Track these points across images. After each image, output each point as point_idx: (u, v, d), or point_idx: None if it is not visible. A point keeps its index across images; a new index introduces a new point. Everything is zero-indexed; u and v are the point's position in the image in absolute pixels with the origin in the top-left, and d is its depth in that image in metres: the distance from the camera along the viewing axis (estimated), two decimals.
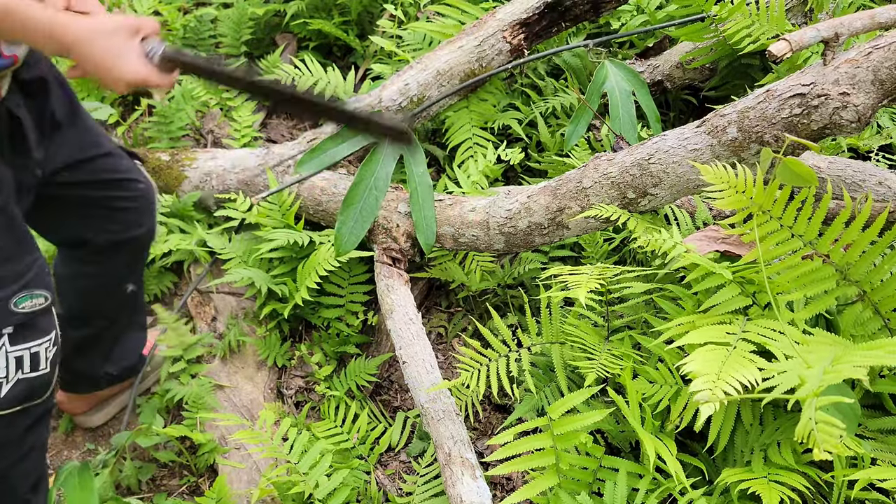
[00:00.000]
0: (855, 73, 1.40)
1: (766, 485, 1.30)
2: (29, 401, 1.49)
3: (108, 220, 1.67)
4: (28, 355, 1.45)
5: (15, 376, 1.44)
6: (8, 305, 1.39)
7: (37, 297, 1.43)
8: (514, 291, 2.13)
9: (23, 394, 1.47)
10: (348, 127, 1.53)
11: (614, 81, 2.17)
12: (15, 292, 1.39)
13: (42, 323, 1.47)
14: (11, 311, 1.40)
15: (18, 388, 1.46)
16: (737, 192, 1.43)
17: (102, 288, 1.79)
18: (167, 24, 2.93)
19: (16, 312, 1.40)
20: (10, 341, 1.42)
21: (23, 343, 1.44)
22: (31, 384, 1.48)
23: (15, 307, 1.40)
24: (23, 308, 1.41)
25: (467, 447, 1.56)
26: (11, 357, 1.43)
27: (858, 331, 1.44)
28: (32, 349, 1.45)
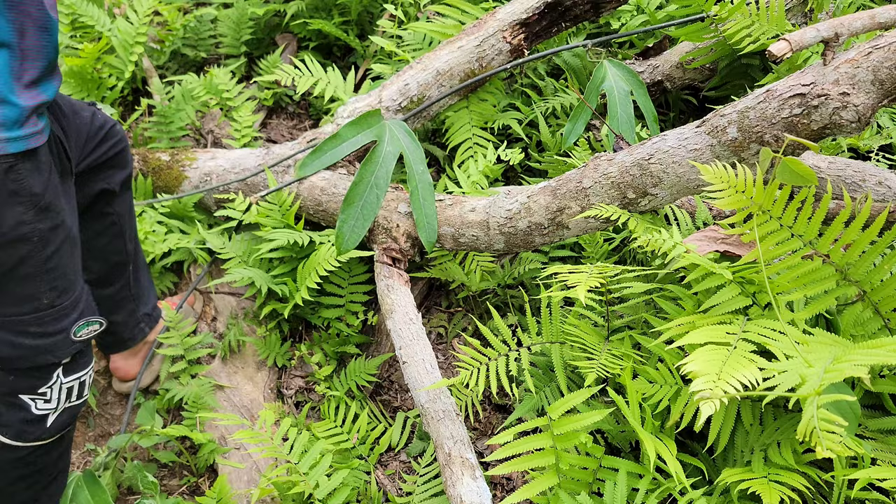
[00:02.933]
0: (855, 73, 1.40)
1: (766, 485, 1.30)
2: (66, 427, 1.50)
3: (114, 167, 1.73)
4: (77, 385, 1.47)
5: (63, 405, 1.45)
6: (69, 335, 1.39)
7: (92, 325, 1.45)
8: (514, 291, 2.13)
9: (65, 423, 1.49)
10: None
11: (613, 81, 2.17)
12: (74, 321, 1.41)
13: (89, 350, 1.50)
14: (72, 340, 1.41)
15: (63, 417, 1.48)
16: (737, 191, 1.43)
17: (119, 237, 1.83)
18: (167, 23, 2.93)
19: (75, 341, 1.41)
20: (65, 372, 1.43)
21: (75, 373, 1.45)
22: (73, 413, 1.50)
23: (75, 336, 1.41)
24: (80, 336, 1.42)
25: (467, 447, 1.56)
26: (65, 388, 1.45)
27: (858, 331, 1.44)
28: (81, 378, 1.47)
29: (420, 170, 1.99)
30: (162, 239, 2.18)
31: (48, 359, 1.40)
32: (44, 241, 1.31)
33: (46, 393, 1.43)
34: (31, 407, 1.43)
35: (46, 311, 1.36)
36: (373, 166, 1.99)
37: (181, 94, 2.60)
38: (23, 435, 1.45)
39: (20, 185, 1.23)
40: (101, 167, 1.69)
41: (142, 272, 1.94)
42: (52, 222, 1.32)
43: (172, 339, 2.04)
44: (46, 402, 1.43)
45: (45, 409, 1.44)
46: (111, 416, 2.04)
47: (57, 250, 1.34)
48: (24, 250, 1.29)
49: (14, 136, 1.20)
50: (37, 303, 1.35)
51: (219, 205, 2.29)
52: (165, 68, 2.95)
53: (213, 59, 2.99)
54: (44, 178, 1.28)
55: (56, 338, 1.39)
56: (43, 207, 1.29)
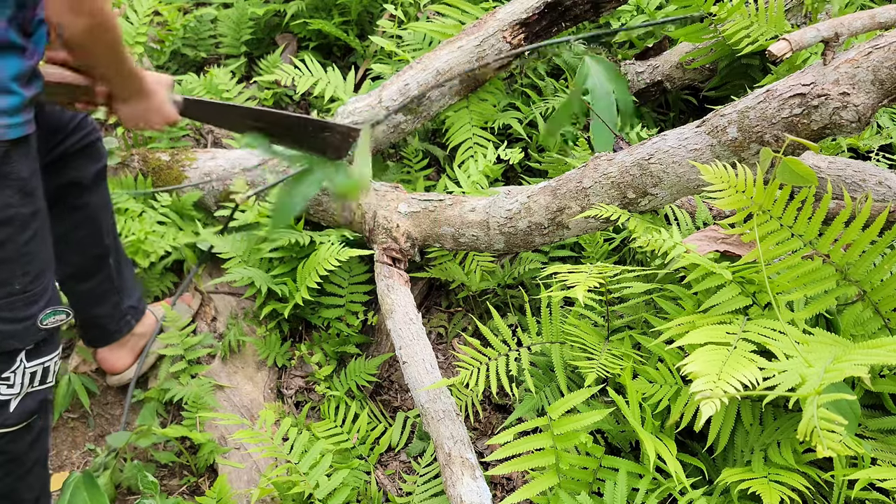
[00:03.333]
0: (855, 73, 1.41)
1: (766, 484, 1.30)
2: (33, 415, 1.50)
3: (85, 160, 1.72)
4: (41, 370, 1.48)
5: (25, 390, 1.46)
6: (36, 322, 1.40)
7: (59, 314, 1.45)
8: (514, 291, 2.13)
9: (29, 408, 1.49)
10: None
11: (596, 79, 2.16)
12: (42, 308, 1.42)
13: (56, 337, 1.50)
14: (38, 327, 1.41)
15: (26, 402, 1.48)
16: (737, 191, 1.43)
17: (96, 229, 1.82)
18: (167, 23, 2.93)
19: (41, 329, 1.42)
20: (28, 357, 1.44)
21: (38, 358, 1.46)
22: (37, 398, 1.49)
23: (41, 324, 1.41)
24: (47, 324, 1.43)
25: (467, 447, 1.56)
26: (27, 373, 1.45)
27: (858, 330, 1.44)
28: (45, 363, 1.48)
29: None
30: (160, 236, 2.18)
31: (13, 344, 1.41)
32: (24, 225, 1.34)
33: (9, 378, 1.43)
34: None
35: (18, 296, 1.38)
36: None
37: None
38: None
39: (11, 167, 1.28)
40: (72, 157, 1.70)
41: (124, 265, 1.94)
42: (34, 207, 1.35)
43: (172, 338, 2.04)
44: (9, 387, 1.44)
45: (7, 394, 1.44)
46: (111, 416, 2.04)
47: (34, 235, 1.36)
48: (5, 234, 1.32)
49: (15, 122, 1.26)
50: (9, 287, 1.36)
51: (219, 204, 2.29)
52: (165, 68, 2.95)
53: (213, 59, 2.99)
54: (31, 164, 1.33)
55: (24, 324, 1.40)
56: (28, 192, 1.32)
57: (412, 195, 2.03)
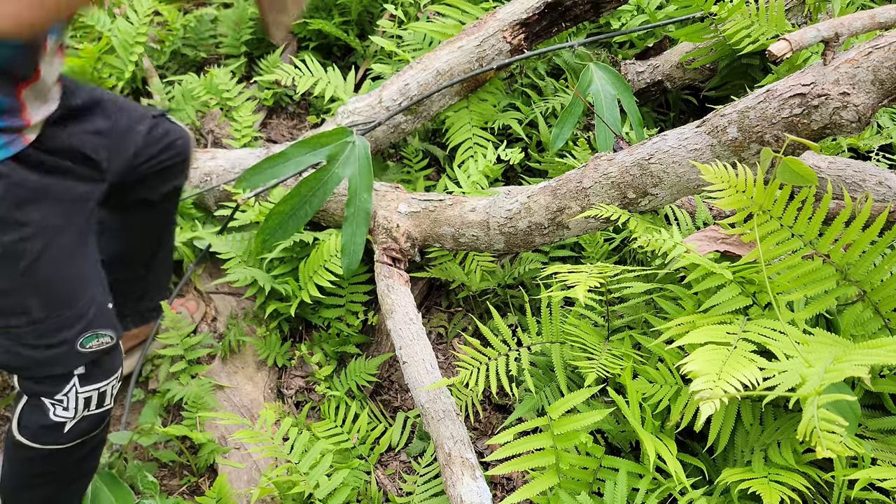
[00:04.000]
0: (855, 73, 1.40)
1: (766, 485, 1.30)
2: (88, 434, 1.50)
3: (160, 180, 1.71)
4: (96, 395, 1.47)
5: (81, 414, 1.46)
6: (74, 346, 1.39)
7: (102, 337, 1.43)
8: (514, 291, 2.13)
9: (85, 430, 1.49)
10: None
11: (599, 85, 2.16)
12: (80, 333, 1.39)
13: (109, 362, 1.49)
14: (79, 351, 1.40)
15: (82, 425, 1.48)
16: (737, 191, 1.43)
17: (148, 237, 1.83)
18: (167, 23, 2.93)
19: (83, 353, 1.41)
20: (80, 382, 1.43)
21: (92, 384, 1.45)
22: (94, 420, 1.49)
23: (81, 347, 1.40)
24: (90, 347, 1.41)
25: (467, 447, 1.56)
26: (81, 398, 1.45)
27: (859, 331, 1.44)
28: (101, 389, 1.47)
29: (364, 197, 1.96)
30: None
31: (54, 370, 1.39)
32: (12, 255, 1.28)
33: (63, 401, 1.42)
34: (50, 412, 1.42)
35: (42, 323, 1.34)
36: (314, 184, 1.95)
37: (181, 94, 2.60)
38: (38, 438, 1.45)
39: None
40: (151, 176, 1.67)
41: (153, 275, 1.93)
42: (19, 234, 1.28)
43: (172, 339, 2.04)
44: (64, 409, 1.43)
45: (63, 416, 1.43)
46: (111, 416, 2.04)
47: (35, 262, 1.30)
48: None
49: None
50: (28, 316, 1.33)
51: (219, 204, 2.29)
52: (165, 68, 2.95)
53: (213, 59, 2.99)
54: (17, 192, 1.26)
55: (58, 349, 1.37)
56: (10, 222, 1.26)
57: (412, 195, 2.03)
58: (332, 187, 1.96)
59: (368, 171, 1.97)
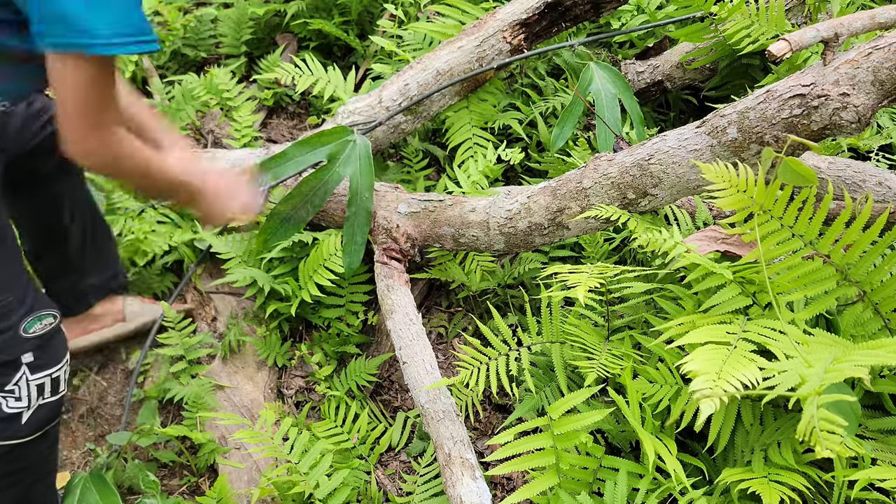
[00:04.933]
0: (855, 74, 1.41)
1: (766, 485, 1.30)
2: (49, 423, 1.50)
3: (49, 152, 1.67)
4: (49, 381, 1.46)
5: (36, 403, 1.45)
6: (18, 332, 1.39)
7: (45, 318, 1.43)
8: (514, 291, 2.13)
9: (44, 418, 1.48)
10: None
11: (600, 84, 2.16)
12: (22, 317, 1.40)
13: (57, 344, 1.49)
14: (23, 336, 1.40)
15: (39, 413, 1.47)
16: (738, 191, 1.43)
17: (54, 211, 1.82)
18: (167, 23, 2.93)
19: (27, 338, 1.41)
20: (31, 370, 1.43)
21: (43, 370, 1.45)
22: (51, 407, 1.49)
23: (25, 332, 1.40)
24: (33, 332, 1.41)
25: (467, 448, 1.56)
26: (33, 385, 1.44)
27: (858, 331, 1.44)
28: (53, 374, 1.47)
29: (365, 196, 1.96)
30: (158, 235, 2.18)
31: (1, 357, 1.40)
32: None
33: (14, 391, 1.42)
34: (2, 405, 1.42)
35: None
36: (315, 183, 1.96)
37: (181, 94, 2.60)
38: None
39: None
40: (38, 149, 1.67)
41: (92, 245, 1.93)
42: None
43: (172, 339, 2.04)
44: (17, 399, 1.43)
45: (17, 406, 1.43)
46: (111, 416, 2.04)
47: None
48: None
49: None
50: None
51: None
52: (165, 68, 2.95)
53: (214, 59, 2.99)
54: None
55: (2, 336, 1.39)
56: None
57: (412, 195, 2.03)
58: (333, 186, 1.97)
59: (370, 170, 1.97)
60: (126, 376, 2.11)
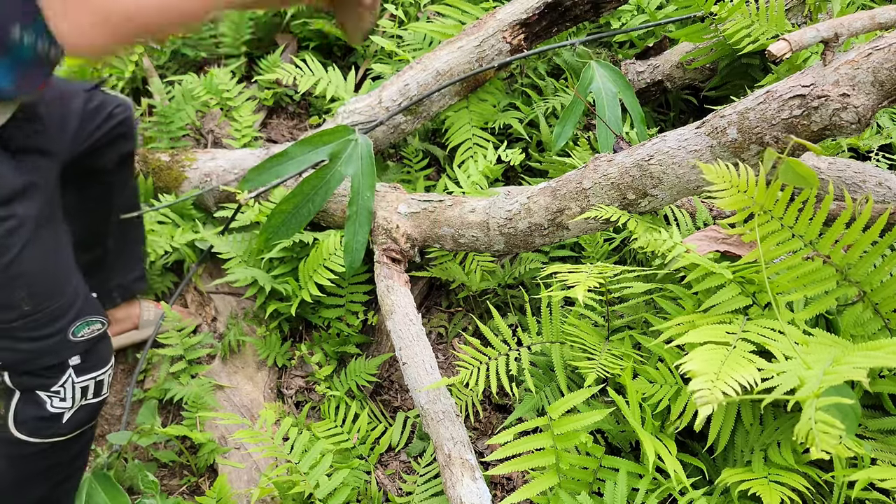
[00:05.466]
0: (855, 75, 1.40)
1: (766, 485, 1.30)
2: (86, 424, 1.51)
3: (107, 150, 1.73)
4: (93, 384, 1.48)
5: (79, 403, 1.47)
6: (67, 336, 1.40)
7: (93, 324, 1.45)
8: (514, 291, 2.13)
9: (83, 419, 1.50)
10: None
11: (600, 83, 2.16)
12: (71, 322, 1.41)
13: (103, 349, 1.50)
14: (71, 340, 1.41)
15: (79, 414, 1.49)
16: (738, 191, 1.43)
17: (106, 209, 1.85)
18: None
19: (76, 342, 1.42)
20: (77, 372, 1.45)
21: (89, 373, 1.46)
22: (91, 409, 1.50)
23: (74, 336, 1.41)
24: (82, 336, 1.43)
25: (467, 448, 1.56)
26: (78, 387, 1.46)
27: (858, 331, 1.44)
28: (97, 377, 1.48)
29: (366, 196, 1.96)
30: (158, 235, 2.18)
31: (50, 360, 1.41)
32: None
33: (60, 392, 1.44)
34: (47, 404, 1.44)
35: (32, 316, 1.37)
36: (317, 182, 1.96)
37: (181, 94, 2.60)
38: (38, 432, 1.47)
39: None
40: (101, 146, 1.70)
41: (127, 246, 1.95)
42: (4, 228, 1.30)
43: (172, 339, 2.04)
44: (62, 400, 1.45)
45: (61, 406, 1.45)
46: (111, 416, 2.04)
47: (18, 256, 1.32)
48: None
49: None
50: (18, 311, 1.35)
51: (218, 205, 2.29)
52: (165, 68, 2.95)
53: (214, 59, 2.99)
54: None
55: (51, 340, 1.40)
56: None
57: (412, 196, 2.03)
58: (334, 185, 1.97)
59: (371, 170, 1.97)
60: (126, 376, 2.11)
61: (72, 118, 1.60)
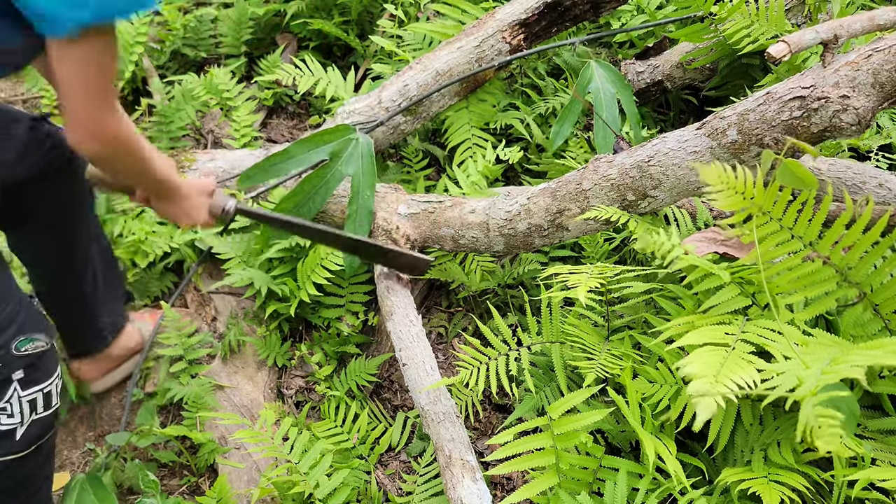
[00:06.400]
0: (855, 76, 1.41)
1: (766, 484, 1.30)
2: (41, 438, 1.50)
3: (59, 179, 1.65)
4: (41, 396, 1.47)
5: (29, 419, 1.45)
6: (10, 350, 1.39)
7: (37, 341, 1.43)
8: (514, 291, 2.13)
9: (37, 433, 1.48)
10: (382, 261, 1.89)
11: (599, 83, 2.16)
12: (13, 336, 1.39)
13: (48, 360, 1.48)
14: (15, 355, 1.40)
15: (32, 429, 1.47)
16: (737, 193, 1.43)
17: (64, 248, 1.78)
18: (167, 23, 2.93)
19: (19, 356, 1.41)
20: (22, 386, 1.43)
21: (34, 386, 1.45)
22: (44, 423, 1.49)
23: (17, 351, 1.40)
24: (25, 351, 1.41)
25: (467, 449, 1.56)
26: (25, 402, 1.44)
27: (858, 332, 1.45)
28: (44, 389, 1.47)
29: (366, 195, 1.97)
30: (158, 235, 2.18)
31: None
32: None
33: (7, 408, 1.42)
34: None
35: None
36: (317, 182, 1.96)
37: (181, 94, 2.60)
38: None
39: None
40: (41, 179, 1.62)
41: (104, 281, 1.90)
42: None
43: (172, 339, 2.05)
44: (9, 416, 1.42)
45: (10, 423, 1.43)
46: (111, 416, 2.04)
47: None
48: None
49: None
50: None
51: None
52: (165, 68, 2.95)
53: (213, 59, 2.99)
54: None
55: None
56: None
57: (412, 197, 2.03)
58: (335, 185, 1.97)
59: (371, 169, 1.97)
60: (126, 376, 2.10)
61: (14, 142, 1.54)
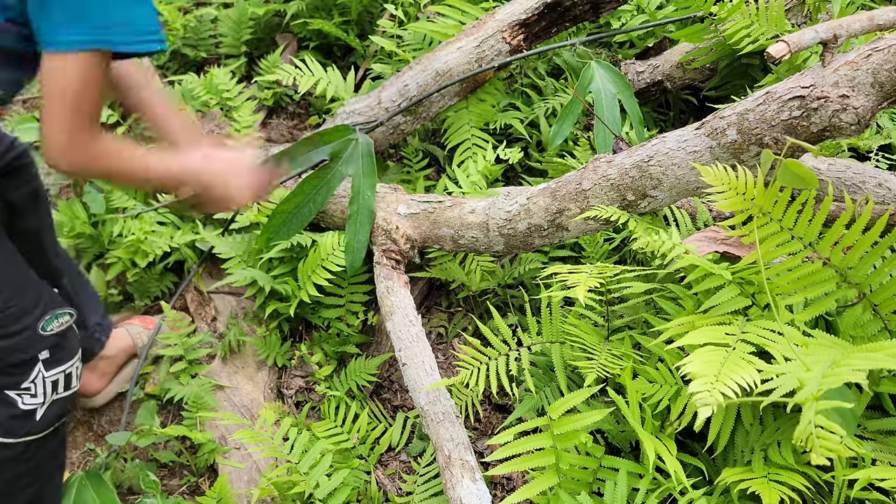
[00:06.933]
0: (854, 76, 1.41)
1: (766, 485, 1.30)
2: (60, 419, 1.52)
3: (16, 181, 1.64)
4: (62, 377, 1.49)
5: (50, 398, 1.47)
6: (36, 331, 1.41)
7: (61, 317, 1.46)
8: (514, 291, 2.14)
9: (57, 414, 1.51)
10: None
11: (600, 83, 2.16)
12: (39, 317, 1.42)
13: (70, 341, 1.52)
14: (41, 335, 1.42)
15: (52, 409, 1.50)
16: (737, 193, 1.43)
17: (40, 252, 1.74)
18: (167, 23, 2.93)
19: (45, 336, 1.43)
20: (46, 366, 1.45)
21: (57, 366, 1.47)
22: (63, 404, 1.51)
23: (43, 331, 1.43)
24: (50, 330, 1.44)
25: (467, 449, 1.56)
26: (48, 382, 1.47)
27: (858, 332, 1.45)
28: (66, 370, 1.49)
29: (367, 195, 1.97)
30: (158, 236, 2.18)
31: (20, 356, 1.43)
32: None
33: (31, 388, 1.45)
34: (18, 402, 1.46)
35: (1, 313, 1.40)
36: (317, 182, 1.96)
37: (181, 94, 2.60)
38: (12, 432, 1.48)
39: None
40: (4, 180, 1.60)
41: (79, 285, 1.89)
42: None
43: (172, 339, 2.05)
44: (32, 396, 1.46)
45: (32, 403, 1.46)
46: (111, 416, 2.04)
47: None
48: None
49: None
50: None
51: None
52: (165, 68, 2.95)
53: (213, 59, 2.99)
54: None
55: (22, 335, 1.42)
56: None
57: (411, 197, 2.03)
58: (335, 185, 1.97)
59: (372, 169, 1.97)
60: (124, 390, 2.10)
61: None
